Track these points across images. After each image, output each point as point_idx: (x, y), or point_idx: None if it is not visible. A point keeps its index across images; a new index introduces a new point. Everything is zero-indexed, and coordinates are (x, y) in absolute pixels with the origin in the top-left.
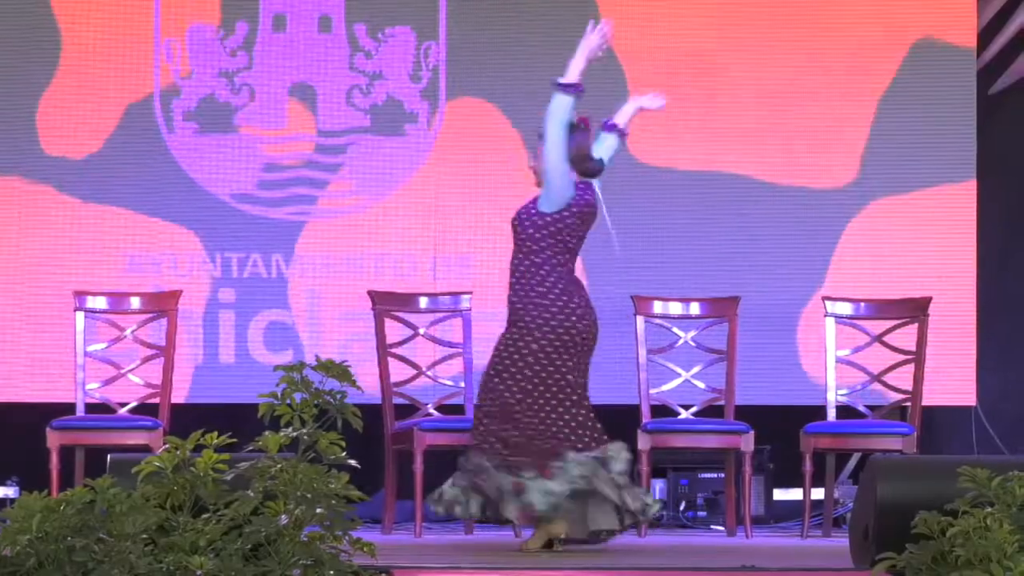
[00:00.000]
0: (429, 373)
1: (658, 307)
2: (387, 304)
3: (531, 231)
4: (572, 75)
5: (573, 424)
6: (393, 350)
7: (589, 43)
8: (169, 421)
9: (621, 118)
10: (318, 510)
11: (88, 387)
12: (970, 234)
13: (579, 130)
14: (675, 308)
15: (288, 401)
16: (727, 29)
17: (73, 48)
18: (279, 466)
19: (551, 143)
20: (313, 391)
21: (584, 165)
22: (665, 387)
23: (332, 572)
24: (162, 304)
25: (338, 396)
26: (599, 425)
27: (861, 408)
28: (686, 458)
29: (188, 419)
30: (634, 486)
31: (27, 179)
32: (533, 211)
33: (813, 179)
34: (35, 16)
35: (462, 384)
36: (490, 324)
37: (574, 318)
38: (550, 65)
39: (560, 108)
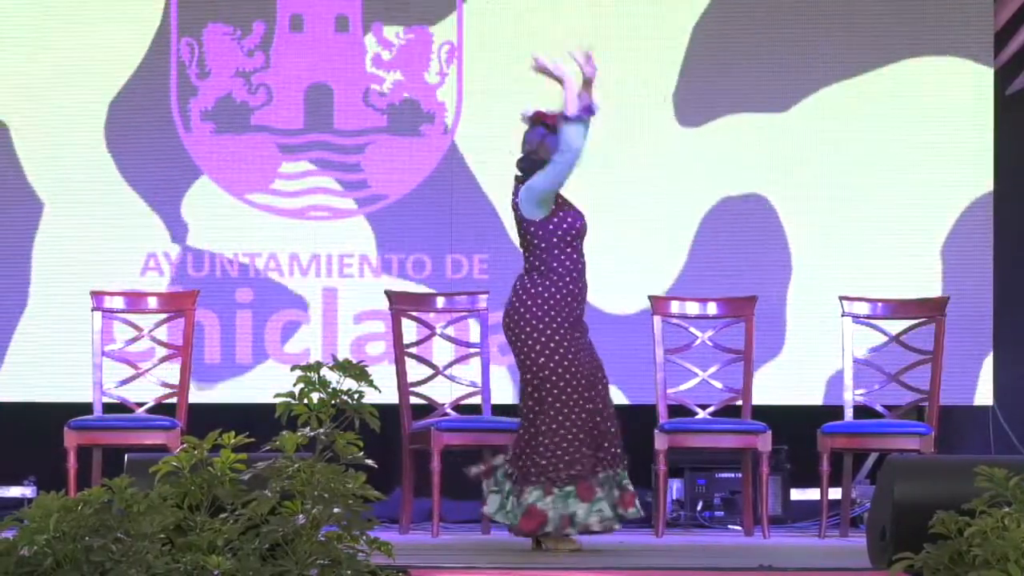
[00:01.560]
0: (446, 373)
1: (675, 307)
2: (404, 304)
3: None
4: (572, 107)
5: None
6: (410, 350)
7: (568, 77)
8: (186, 421)
9: (570, 105)
10: (335, 510)
11: (105, 387)
12: (987, 233)
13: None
14: (692, 308)
15: (305, 401)
16: (738, 36)
17: (90, 47)
18: (296, 466)
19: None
20: (330, 391)
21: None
22: (682, 387)
23: (349, 572)
24: (179, 304)
25: (355, 396)
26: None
27: (878, 408)
28: (703, 458)
29: (205, 419)
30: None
31: (44, 179)
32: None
33: (829, 180)
34: (52, 16)
35: (479, 384)
36: None
37: None
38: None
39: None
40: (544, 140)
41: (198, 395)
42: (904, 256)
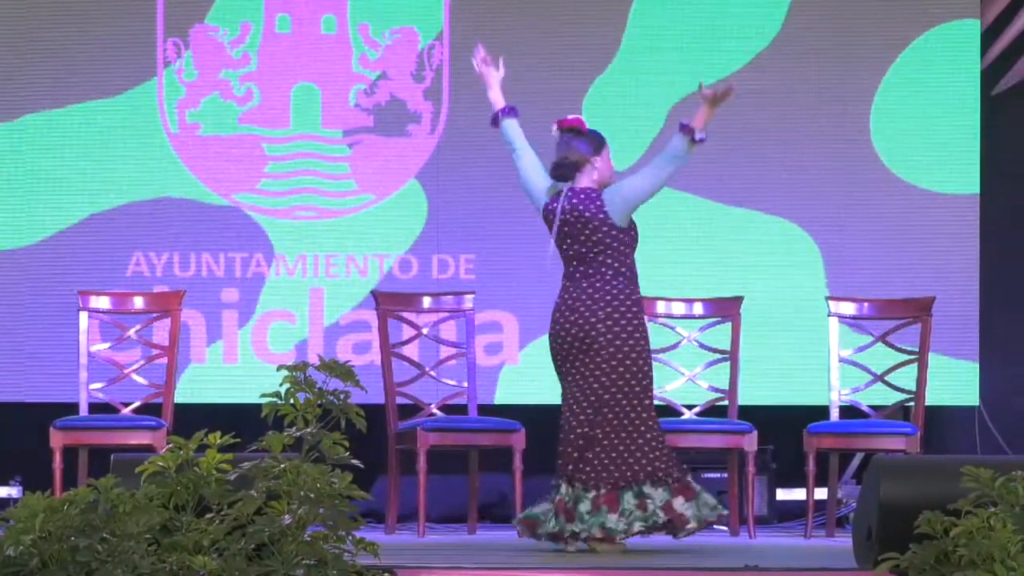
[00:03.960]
0: (432, 373)
1: (661, 307)
2: (390, 304)
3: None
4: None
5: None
6: (396, 350)
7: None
8: (172, 421)
9: (698, 120)
10: (321, 510)
11: (91, 387)
12: (973, 233)
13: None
14: (678, 308)
15: (291, 401)
16: (732, 30)
17: (76, 47)
18: (282, 466)
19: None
20: (316, 391)
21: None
22: (668, 387)
23: (335, 572)
24: (165, 304)
25: (341, 396)
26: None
27: (864, 408)
28: (689, 458)
29: (191, 419)
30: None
31: (33, 178)
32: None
33: (816, 179)
34: (38, 18)
35: (465, 384)
36: (492, 324)
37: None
38: (552, 65)
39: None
40: (571, 144)
41: (184, 395)
42: (890, 256)
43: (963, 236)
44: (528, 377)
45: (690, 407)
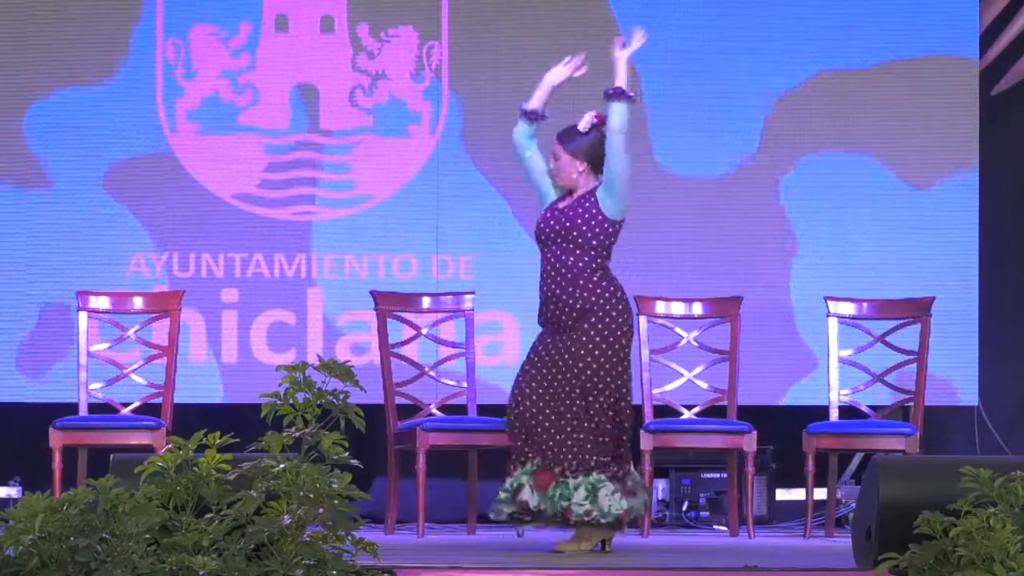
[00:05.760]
0: (432, 373)
1: (661, 307)
2: (390, 304)
3: (602, 237)
4: (622, 80)
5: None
6: (396, 350)
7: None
8: (172, 421)
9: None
10: (321, 510)
11: (91, 387)
12: (972, 234)
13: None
14: (678, 308)
15: (291, 401)
16: (727, 32)
17: (75, 47)
18: (282, 466)
19: (622, 153)
20: (316, 391)
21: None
22: (668, 387)
23: (335, 572)
24: (165, 304)
25: (341, 396)
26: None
27: (864, 408)
28: (689, 458)
29: (191, 419)
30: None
31: (31, 179)
32: (600, 216)
33: (814, 180)
34: (37, 18)
35: (464, 384)
36: (492, 324)
37: (630, 322)
38: (551, 64)
39: (625, 116)
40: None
41: (183, 395)
42: (890, 256)
43: (963, 236)
44: None
45: (689, 407)
